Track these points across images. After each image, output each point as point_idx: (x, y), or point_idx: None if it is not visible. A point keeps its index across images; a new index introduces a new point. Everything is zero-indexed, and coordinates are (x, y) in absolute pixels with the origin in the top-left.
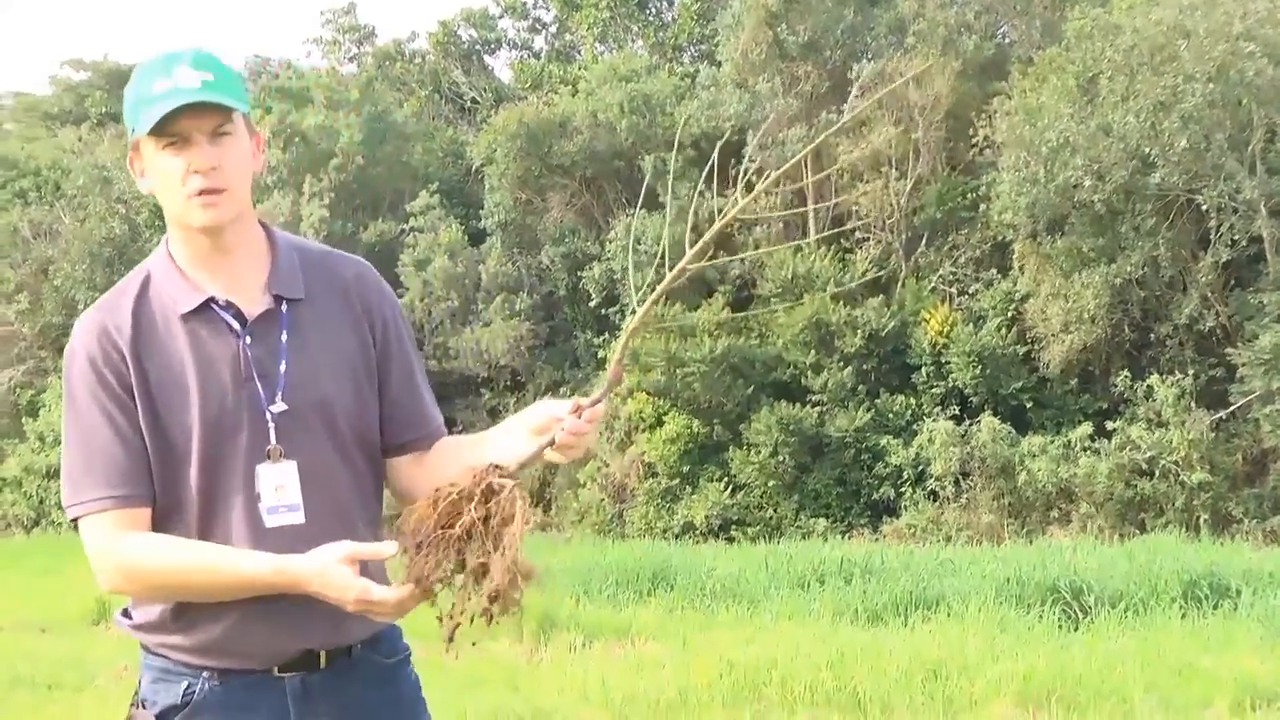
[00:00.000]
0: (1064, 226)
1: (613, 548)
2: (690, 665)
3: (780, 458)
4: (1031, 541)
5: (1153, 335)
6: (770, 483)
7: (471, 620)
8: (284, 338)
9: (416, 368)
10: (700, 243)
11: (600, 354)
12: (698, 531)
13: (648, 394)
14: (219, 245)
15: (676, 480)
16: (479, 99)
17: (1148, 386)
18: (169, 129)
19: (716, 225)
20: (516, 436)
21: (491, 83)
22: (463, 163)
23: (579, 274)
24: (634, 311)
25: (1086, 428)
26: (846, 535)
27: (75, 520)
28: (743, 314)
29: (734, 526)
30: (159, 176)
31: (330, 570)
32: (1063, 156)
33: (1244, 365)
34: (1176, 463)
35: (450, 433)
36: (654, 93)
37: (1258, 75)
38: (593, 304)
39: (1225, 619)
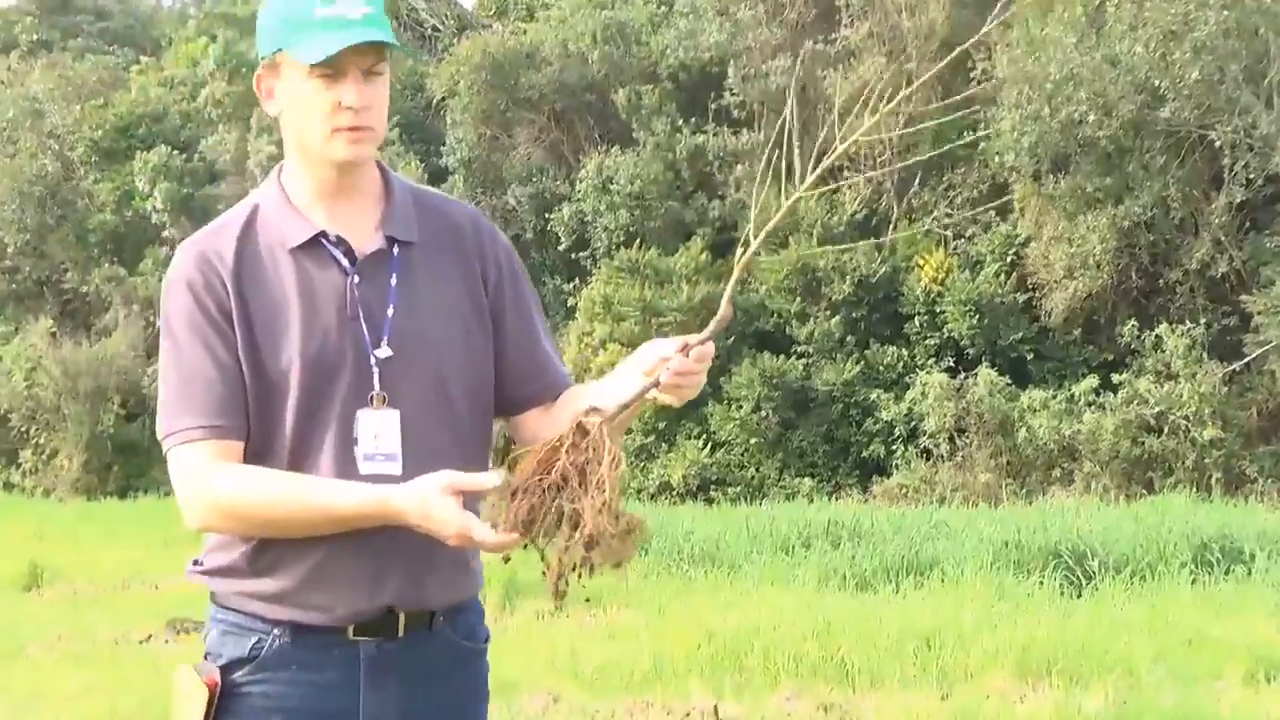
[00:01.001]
0: (1067, 165)
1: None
2: (666, 634)
3: (763, 413)
4: (1031, 502)
5: (1162, 282)
6: (752, 440)
7: (576, 572)
8: (393, 281)
9: (537, 318)
10: (824, 163)
11: (570, 301)
12: (675, 492)
13: (621, 345)
14: (344, 182)
15: (652, 437)
16: (440, 27)
17: (1156, 337)
18: (332, 61)
19: (841, 148)
20: (625, 380)
21: (454, 9)
22: (423, 96)
23: (547, 216)
24: (745, 245)
25: (1091, 381)
26: (834, 496)
27: (167, 451)
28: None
29: (713, 487)
30: (302, 104)
31: (431, 500)
32: (1066, 90)
33: (1259, 314)
34: (1187, 418)
35: None
36: (629, 20)
37: (1275, 1)
38: (562, 247)
39: (1238, 585)
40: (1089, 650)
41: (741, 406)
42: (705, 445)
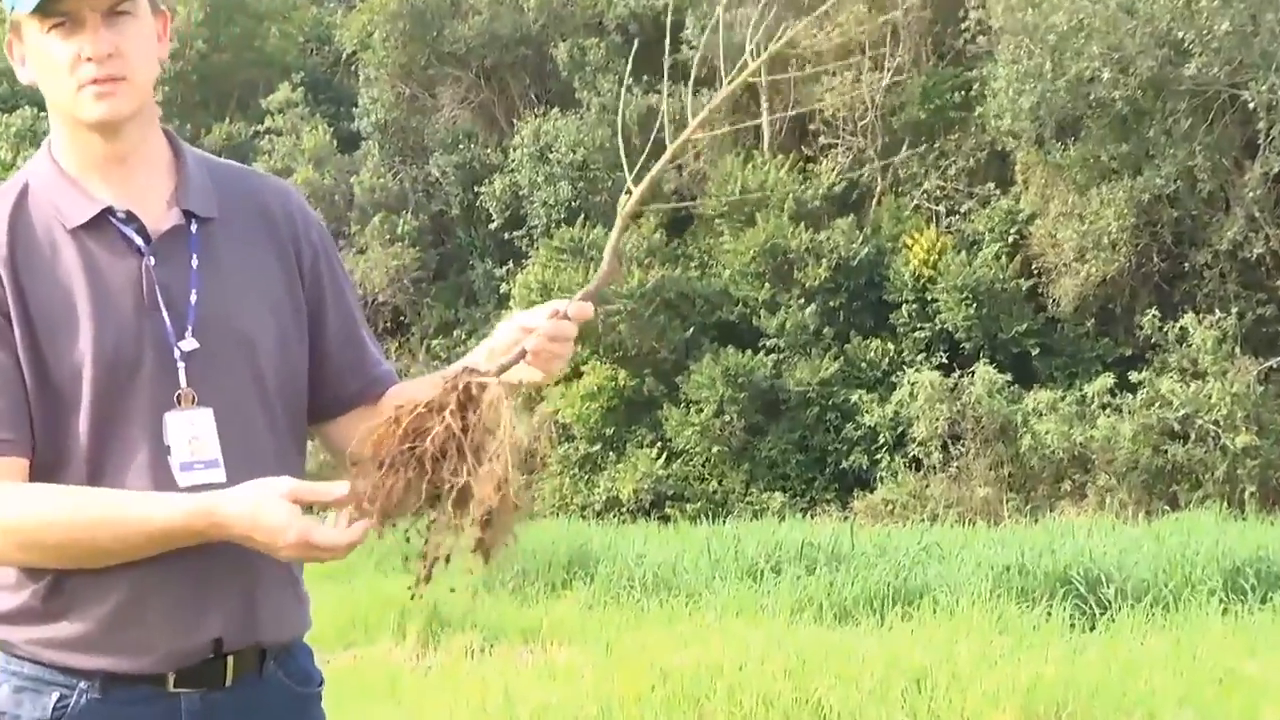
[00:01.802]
0: (1077, 130)
1: (518, 529)
2: (615, 674)
3: (726, 417)
4: (1037, 520)
5: (1187, 265)
6: (714, 449)
7: (447, 559)
8: (194, 262)
9: (355, 306)
10: (710, 104)
11: (504, 288)
12: (624, 509)
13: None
14: (115, 148)
15: (598, 446)
16: None
17: (1181, 329)
18: (55, 7)
19: (725, 89)
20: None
21: None
22: (330, 49)
23: (476, 189)
24: (629, 192)
25: (1105, 380)
26: (809, 513)
27: None
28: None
29: (669, 502)
30: (43, 63)
31: (265, 507)
32: (1075, 44)
33: None
34: (1216, 423)
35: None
36: None
37: None
38: (493, 226)
39: (1276, 616)
40: (1104, 692)
41: (701, 410)
42: (659, 455)
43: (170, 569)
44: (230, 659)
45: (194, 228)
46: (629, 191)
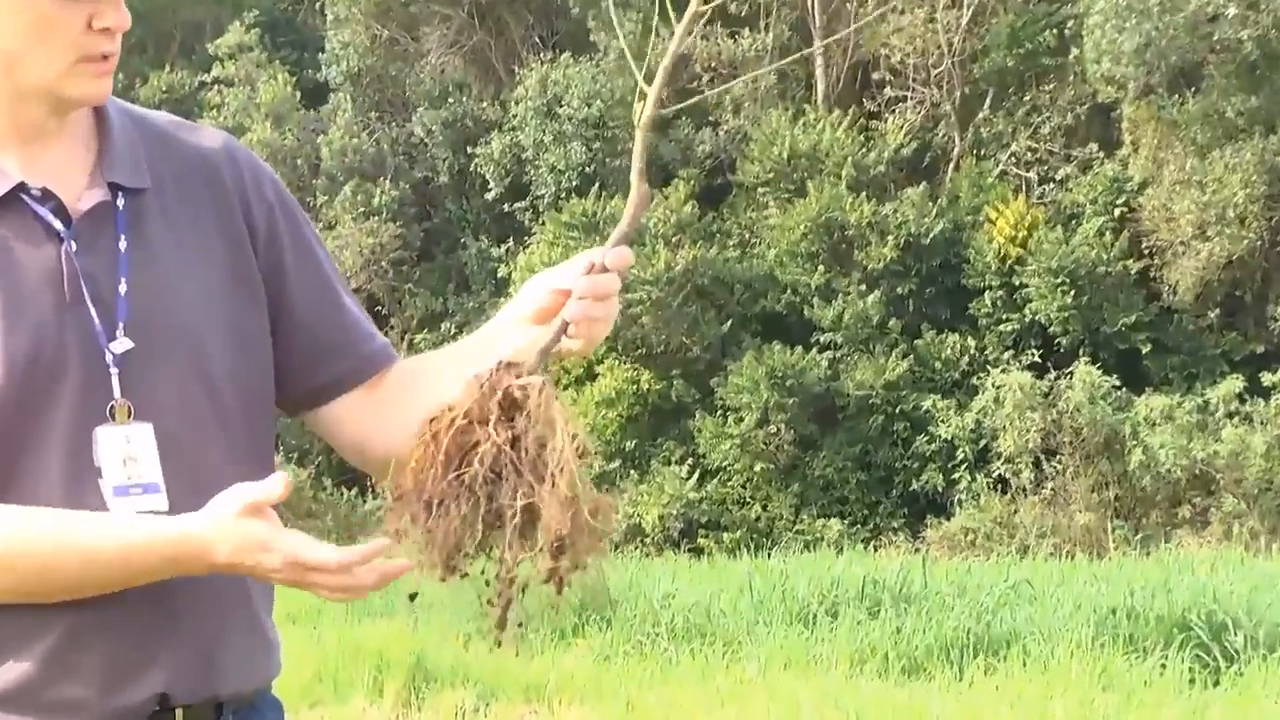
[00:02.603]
0: (1196, 80)
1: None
2: None
3: (772, 428)
4: (1149, 553)
5: None
6: (757, 466)
7: (524, 591)
8: (122, 244)
9: (330, 271)
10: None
11: (502, 271)
12: (648, 539)
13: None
14: (53, 123)
15: (616, 463)
16: None
17: None
18: None
19: None
20: (513, 332)
21: None
22: None
23: (470, 151)
24: (642, 97)
25: (1233, 383)
26: (872, 544)
27: None
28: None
29: (703, 531)
30: (32, 21)
31: (234, 529)
32: None
33: None
34: None
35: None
36: None
37: None
38: (490, 196)
39: None
40: None
41: (742, 419)
42: (691, 473)
43: (111, 611)
44: (179, 712)
45: (121, 203)
46: (642, 96)
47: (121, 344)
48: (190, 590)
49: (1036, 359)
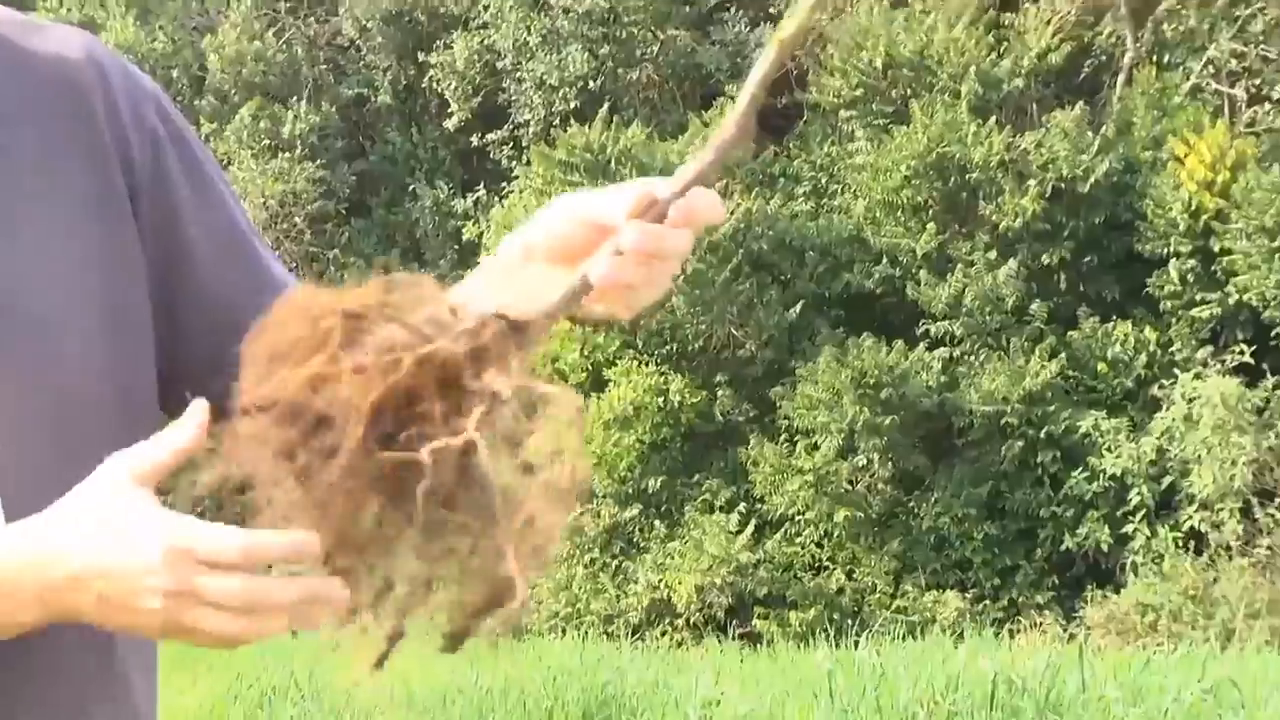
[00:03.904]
0: None
1: (495, 661)
2: None
3: (860, 460)
4: None
5: None
6: (839, 514)
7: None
8: None
9: (241, 219)
10: None
11: (469, 231)
12: (680, 619)
13: (575, 321)
14: None
15: (635, 509)
16: None
17: None
18: None
19: None
20: (513, 273)
21: None
22: None
23: (422, 59)
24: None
25: None
26: (1006, 628)
27: None
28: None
29: (760, 609)
30: None
31: (92, 510)
32: None
33: None
34: None
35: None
36: None
37: None
38: (452, 122)
39: None
40: None
41: (817, 447)
42: (744, 525)
43: None
44: None
45: None
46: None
47: None
48: (43, 645)
49: (1246, 359)
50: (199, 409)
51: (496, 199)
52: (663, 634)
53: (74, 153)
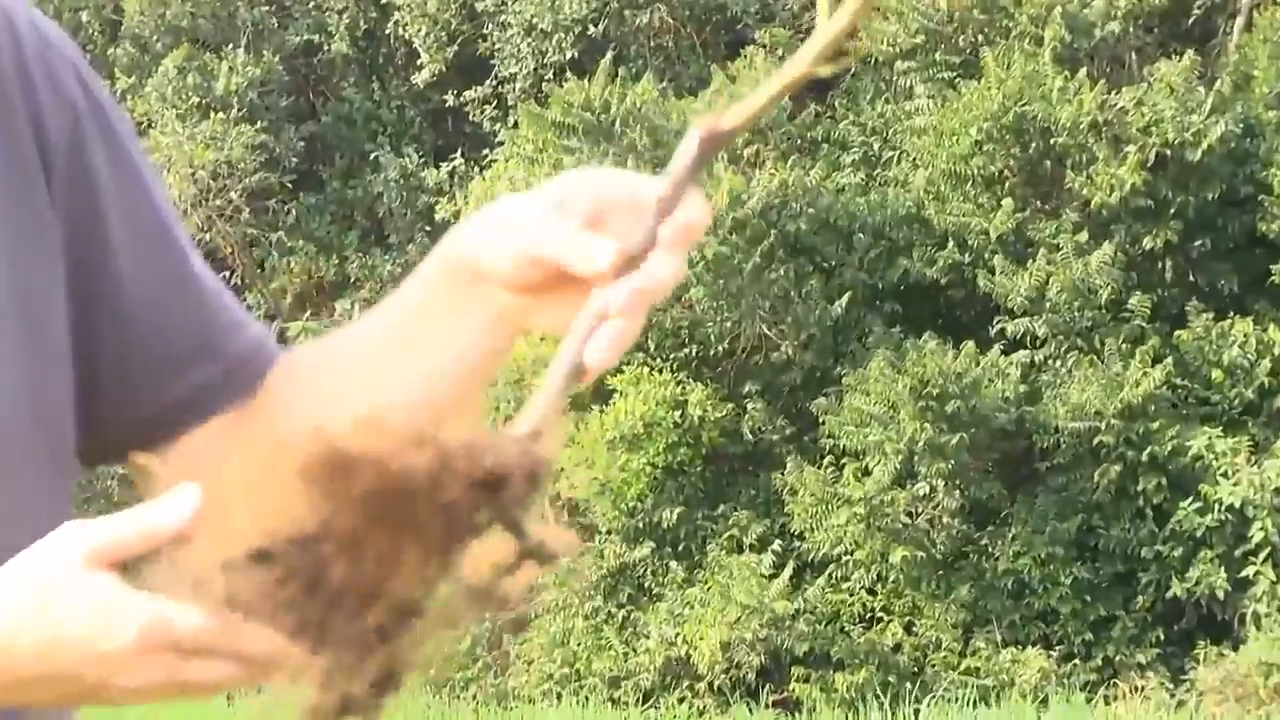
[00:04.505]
0: None
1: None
2: None
3: (923, 488)
4: None
5: None
6: (896, 554)
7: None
8: None
9: (169, 216)
10: None
11: (441, 210)
12: (701, 682)
13: None
14: None
15: (646, 548)
16: None
17: None
18: None
19: None
20: (463, 307)
21: None
22: None
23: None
24: None
25: None
26: (1101, 693)
27: None
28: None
29: (800, 669)
30: None
31: (62, 599)
32: None
33: None
34: None
35: None
36: None
37: None
38: (422, 77)
39: None
40: None
41: (869, 472)
42: (780, 567)
43: None
44: None
45: None
46: None
47: None
48: None
49: None
50: (190, 496)
51: (476, 169)
52: (680, 700)
53: None
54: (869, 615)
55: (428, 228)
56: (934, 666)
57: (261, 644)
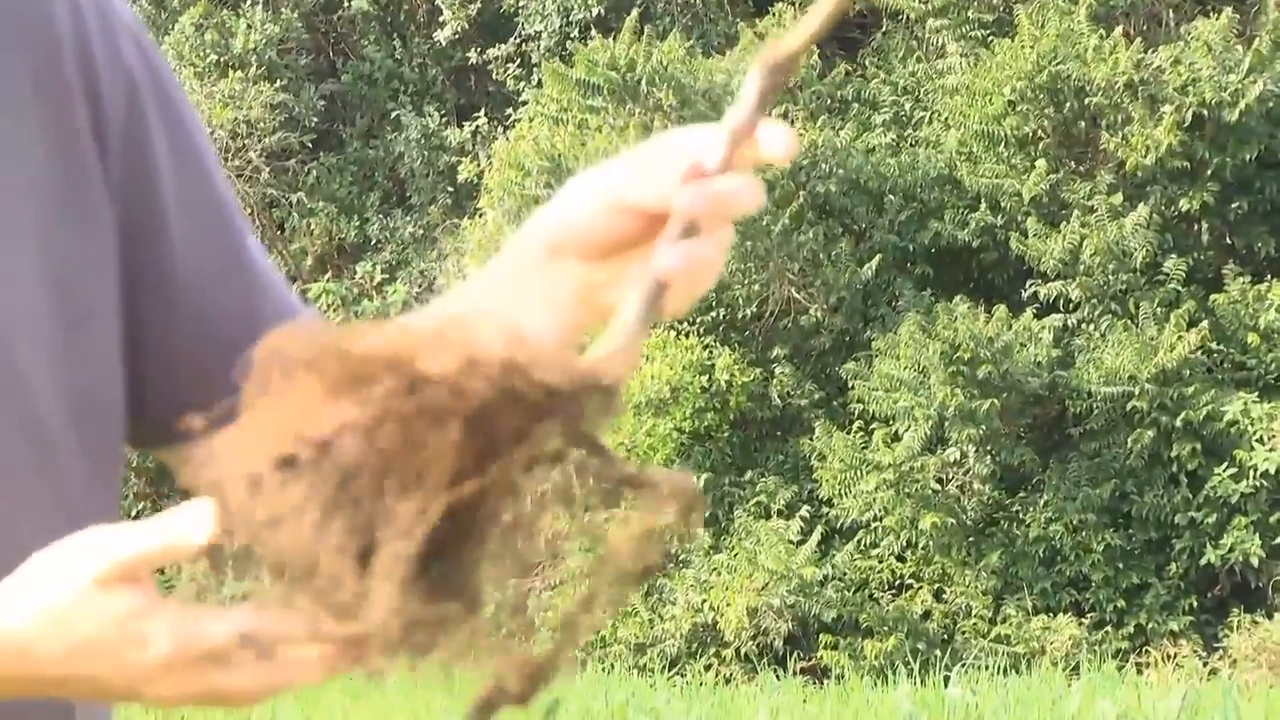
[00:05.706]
0: None
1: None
2: None
3: (953, 453)
4: None
5: None
6: (926, 520)
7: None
8: None
9: (225, 191)
10: None
11: (464, 170)
12: (728, 649)
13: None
14: None
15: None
16: None
17: None
18: None
19: None
20: (545, 279)
21: None
22: None
23: None
24: None
25: None
26: (1132, 661)
27: None
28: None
29: (828, 636)
30: None
31: (79, 610)
32: None
33: None
34: None
35: None
36: None
37: None
38: (445, 34)
39: None
40: None
41: (898, 437)
42: (808, 533)
43: None
44: None
45: None
46: None
47: None
48: None
49: None
50: (211, 509)
51: (500, 129)
52: (706, 667)
53: (26, 98)
54: (898, 582)
55: (450, 188)
56: (964, 634)
57: (299, 629)
